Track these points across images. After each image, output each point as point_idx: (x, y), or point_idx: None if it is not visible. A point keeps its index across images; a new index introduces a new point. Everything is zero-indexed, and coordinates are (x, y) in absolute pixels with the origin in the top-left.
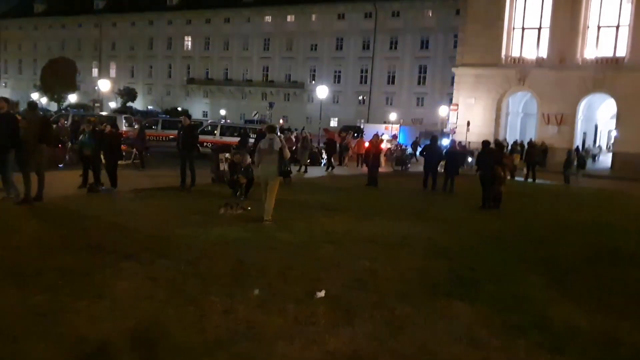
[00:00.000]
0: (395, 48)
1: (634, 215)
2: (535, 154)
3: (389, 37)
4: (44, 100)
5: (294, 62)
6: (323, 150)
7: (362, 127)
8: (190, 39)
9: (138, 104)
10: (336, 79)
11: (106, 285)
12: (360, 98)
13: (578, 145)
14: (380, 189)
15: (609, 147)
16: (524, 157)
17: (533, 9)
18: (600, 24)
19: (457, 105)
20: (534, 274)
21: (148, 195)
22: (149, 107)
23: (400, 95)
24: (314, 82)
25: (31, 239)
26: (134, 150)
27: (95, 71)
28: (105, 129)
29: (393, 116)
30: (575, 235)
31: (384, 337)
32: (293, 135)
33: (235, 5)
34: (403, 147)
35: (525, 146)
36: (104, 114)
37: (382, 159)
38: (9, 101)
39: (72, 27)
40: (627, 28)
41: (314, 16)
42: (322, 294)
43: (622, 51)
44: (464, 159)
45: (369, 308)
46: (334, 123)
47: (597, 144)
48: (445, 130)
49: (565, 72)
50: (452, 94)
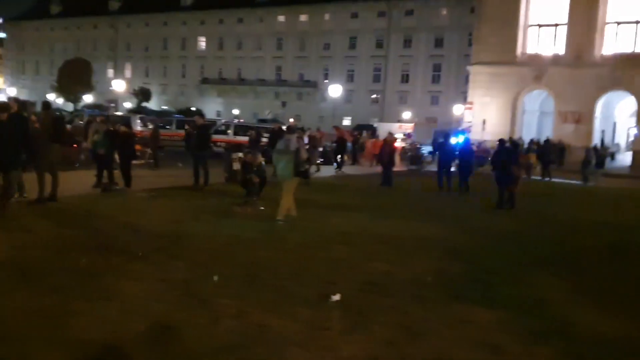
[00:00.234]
0: (410, 46)
1: None
2: (551, 152)
3: (403, 36)
4: (60, 101)
5: (306, 62)
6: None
7: (376, 126)
8: (204, 39)
9: (153, 104)
10: (349, 78)
11: (116, 287)
12: (374, 97)
13: (596, 144)
14: (394, 189)
15: (628, 146)
16: (539, 156)
17: (549, 5)
18: (619, 20)
19: (472, 103)
20: (554, 276)
21: (161, 195)
22: (164, 107)
23: (414, 94)
24: (326, 81)
25: (42, 239)
26: (148, 149)
27: (110, 71)
28: (119, 129)
29: (407, 115)
30: (595, 236)
31: (401, 343)
32: (306, 134)
33: (248, 5)
34: (417, 146)
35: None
36: (119, 113)
37: (397, 158)
38: (19, 101)
39: (88, 28)
40: None
41: (327, 15)
42: (336, 297)
43: None
44: (485, 160)
45: (384, 312)
46: (347, 122)
47: (615, 142)
48: (460, 129)
49: (583, 70)
50: (467, 92)
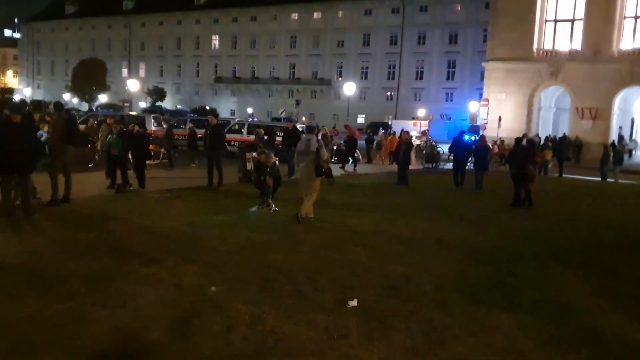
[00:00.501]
0: (424, 43)
1: None
2: (567, 149)
3: (417, 32)
4: (75, 101)
5: (320, 59)
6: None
7: (390, 124)
8: (217, 38)
9: (167, 104)
10: (363, 75)
11: (130, 292)
12: (388, 94)
13: (614, 140)
14: (410, 188)
15: None
16: (555, 153)
17: (566, 0)
18: (638, 14)
19: (488, 100)
20: (579, 279)
21: (175, 196)
22: (178, 107)
23: (428, 91)
24: (340, 79)
25: (56, 242)
26: (162, 149)
27: (125, 71)
28: (133, 129)
29: (421, 112)
30: (618, 235)
31: (422, 351)
32: (320, 133)
33: (262, 4)
34: (433, 143)
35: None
36: (133, 113)
37: (413, 156)
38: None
39: (102, 28)
40: None
41: (340, 12)
42: (354, 302)
43: None
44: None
45: (404, 318)
46: (361, 119)
47: (633, 139)
48: (475, 125)
49: (600, 65)
50: (482, 89)
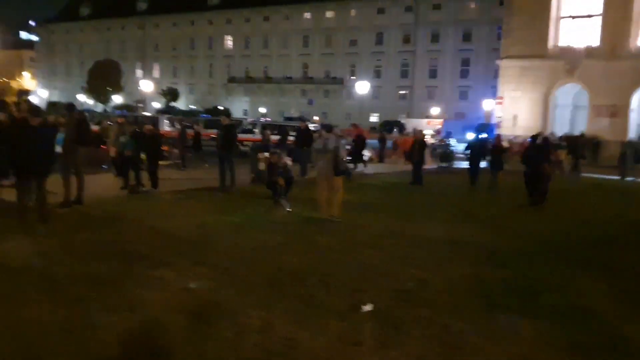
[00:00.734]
0: (437, 41)
1: None
2: (582, 147)
3: (431, 30)
4: (90, 102)
5: (333, 58)
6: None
7: (404, 123)
8: (230, 38)
9: (180, 104)
10: (376, 74)
11: (138, 296)
12: (402, 93)
13: (632, 138)
14: (425, 187)
15: None
16: (570, 152)
17: None
18: None
19: (503, 98)
20: (600, 282)
21: (187, 197)
22: (191, 107)
23: (442, 89)
24: (353, 78)
25: (66, 244)
26: (176, 150)
27: (139, 72)
28: (146, 129)
29: (435, 111)
30: (638, 236)
31: (438, 359)
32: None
33: (274, 3)
34: (447, 143)
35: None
36: (147, 114)
37: (427, 156)
38: (30, 103)
39: (117, 29)
40: None
41: (353, 11)
42: (368, 307)
43: None
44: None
45: (419, 324)
46: (374, 118)
47: None
48: (485, 123)
49: (618, 62)
50: (497, 87)
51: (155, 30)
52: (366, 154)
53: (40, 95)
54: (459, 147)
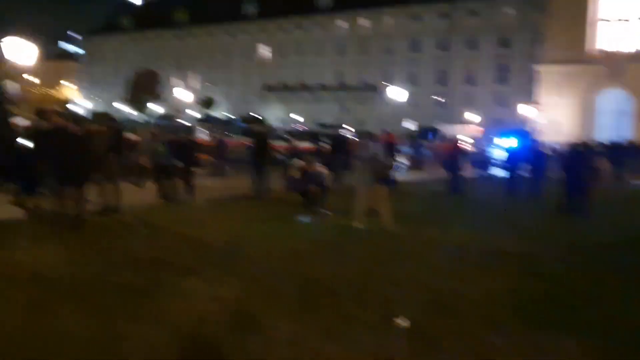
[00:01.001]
0: (474, 47)
1: None
2: (623, 155)
3: (467, 37)
4: (130, 111)
5: (367, 65)
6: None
7: (441, 129)
8: (265, 46)
9: (217, 112)
10: (412, 81)
11: (167, 306)
12: (437, 99)
13: None
14: (462, 196)
15: None
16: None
17: None
18: None
19: (542, 104)
20: None
21: (221, 205)
22: (227, 115)
23: (479, 96)
24: (388, 85)
25: (98, 253)
26: (211, 158)
27: (177, 81)
28: (182, 138)
29: (472, 117)
30: None
31: None
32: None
33: (308, 12)
34: (485, 150)
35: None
36: (184, 122)
37: (464, 163)
38: (63, 114)
39: (156, 40)
40: None
41: (387, 18)
42: (402, 320)
43: None
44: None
45: (454, 339)
46: (410, 125)
47: None
48: (531, 130)
49: None
50: (536, 93)
51: (192, 41)
52: (402, 161)
53: (81, 104)
54: (497, 154)
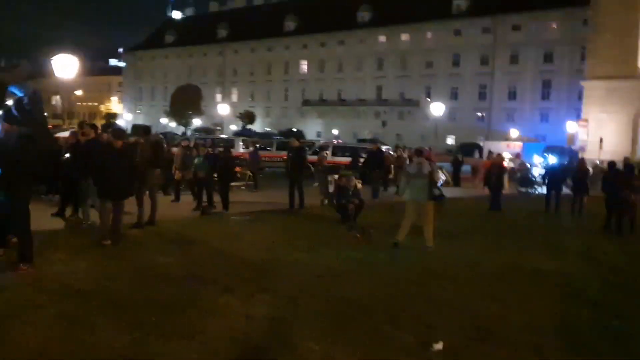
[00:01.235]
0: (517, 62)
1: None
2: None
3: (510, 51)
4: (172, 125)
5: (408, 80)
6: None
7: (482, 145)
8: (306, 62)
9: (257, 127)
10: (453, 96)
11: (199, 323)
12: (479, 114)
13: None
14: (503, 214)
15: None
16: None
17: None
18: None
19: (587, 121)
20: None
21: (257, 218)
22: (267, 129)
23: (522, 111)
24: (429, 100)
25: (134, 267)
26: (248, 172)
27: (218, 96)
28: (219, 151)
29: (515, 133)
30: None
31: None
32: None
33: (349, 27)
34: (527, 167)
35: None
36: (223, 136)
37: (506, 180)
38: (95, 127)
39: (198, 56)
40: None
41: (428, 33)
42: (439, 346)
43: None
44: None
45: None
46: (450, 141)
47: None
48: (573, 147)
49: None
50: (581, 109)
51: (234, 56)
52: (441, 177)
53: (125, 118)
54: (536, 171)
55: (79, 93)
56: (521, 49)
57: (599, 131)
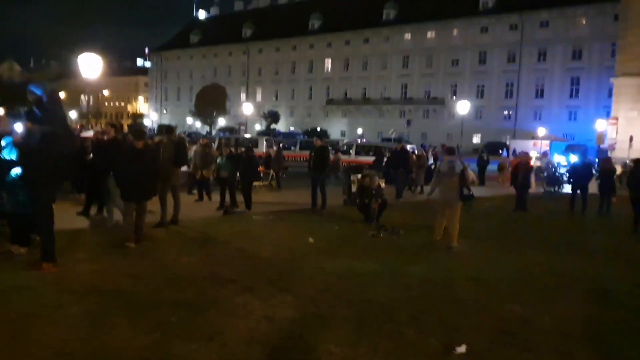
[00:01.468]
0: (544, 60)
1: None
2: None
3: (537, 49)
4: (198, 124)
5: (433, 78)
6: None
7: (508, 144)
8: (330, 61)
9: (281, 126)
10: (479, 94)
11: (219, 324)
12: (506, 113)
13: None
14: (529, 214)
15: None
16: None
17: None
18: None
19: (617, 119)
20: None
21: (279, 218)
22: (291, 129)
23: (549, 109)
24: (454, 98)
25: (156, 266)
26: (271, 171)
27: (243, 95)
28: (241, 151)
29: (542, 131)
30: None
31: None
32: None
33: (374, 25)
34: (554, 165)
35: None
36: (248, 136)
37: (532, 179)
38: (116, 126)
39: (223, 55)
40: None
41: (455, 31)
42: (463, 349)
43: None
44: None
45: None
46: (476, 139)
47: None
48: (602, 146)
49: None
50: (610, 106)
51: (259, 56)
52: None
53: (151, 118)
54: (561, 170)
55: (106, 93)
56: (549, 46)
57: (629, 129)
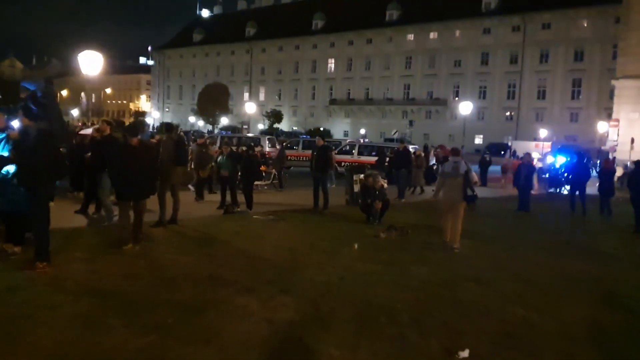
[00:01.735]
0: (546, 61)
1: None
2: None
3: (539, 50)
4: (200, 123)
5: (436, 79)
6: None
7: (510, 145)
8: (333, 61)
9: (284, 125)
10: (481, 95)
11: (217, 326)
12: (508, 114)
13: None
14: (531, 215)
15: None
16: None
17: None
18: None
19: (618, 121)
20: None
21: (280, 218)
22: (294, 128)
23: (551, 111)
24: (457, 99)
25: (154, 266)
26: (273, 170)
27: (245, 94)
28: (242, 150)
29: (543, 133)
30: None
31: None
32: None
33: (377, 26)
34: (553, 166)
35: None
36: (250, 135)
37: (535, 180)
38: (112, 124)
39: (226, 54)
40: None
41: (457, 32)
42: (465, 352)
43: None
44: None
45: None
46: (478, 140)
47: None
48: (603, 147)
49: None
50: (612, 108)
51: (262, 55)
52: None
53: (153, 116)
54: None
55: (108, 91)
56: (551, 48)
57: (630, 131)
